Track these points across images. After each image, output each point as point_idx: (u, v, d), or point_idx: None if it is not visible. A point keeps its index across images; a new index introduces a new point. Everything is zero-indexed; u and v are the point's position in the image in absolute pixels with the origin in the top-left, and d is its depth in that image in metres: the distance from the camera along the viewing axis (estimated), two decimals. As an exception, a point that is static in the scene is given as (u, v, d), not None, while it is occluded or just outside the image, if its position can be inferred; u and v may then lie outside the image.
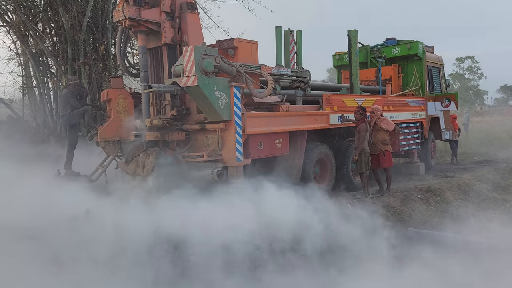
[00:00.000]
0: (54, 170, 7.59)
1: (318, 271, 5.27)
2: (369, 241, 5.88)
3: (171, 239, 5.08)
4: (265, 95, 7.01)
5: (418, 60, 11.61)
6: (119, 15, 6.70)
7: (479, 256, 5.52)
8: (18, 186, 5.72)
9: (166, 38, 6.97)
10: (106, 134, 7.51)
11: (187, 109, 7.18)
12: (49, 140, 10.93)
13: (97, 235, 4.84)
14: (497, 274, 5.02)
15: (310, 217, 5.86)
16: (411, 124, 10.98)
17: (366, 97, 9.61)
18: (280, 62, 8.25)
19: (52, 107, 12.14)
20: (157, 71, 7.41)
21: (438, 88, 12.58)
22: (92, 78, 11.42)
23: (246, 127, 6.60)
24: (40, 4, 12.23)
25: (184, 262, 4.91)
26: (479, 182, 9.82)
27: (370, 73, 11.47)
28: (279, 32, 8.32)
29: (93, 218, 5.30)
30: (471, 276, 5.05)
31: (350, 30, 9.51)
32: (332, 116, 8.37)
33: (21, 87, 13.22)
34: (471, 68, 66.95)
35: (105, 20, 11.99)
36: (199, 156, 6.50)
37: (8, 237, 4.74)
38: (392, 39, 12.03)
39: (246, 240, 5.20)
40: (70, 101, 8.03)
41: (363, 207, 7.05)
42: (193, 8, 7.27)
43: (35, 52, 12.16)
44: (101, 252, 4.62)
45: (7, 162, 6.61)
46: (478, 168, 11.98)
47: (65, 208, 5.43)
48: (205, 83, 6.18)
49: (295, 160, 7.72)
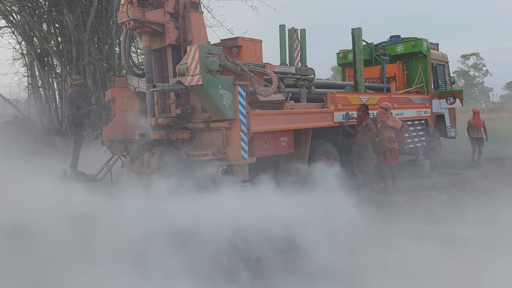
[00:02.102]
0: (60, 169, 7.62)
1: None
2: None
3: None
4: (269, 93, 7.02)
5: (422, 58, 11.56)
6: (123, 17, 6.73)
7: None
8: (26, 185, 5.76)
9: (170, 39, 6.99)
10: (111, 133, 7.53)
11: (191, 108, 7.20)
12: (55, 140, 11.00)
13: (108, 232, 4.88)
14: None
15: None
16: (416, 121, 10.94)
17: (371, 95, 9.60)
18: (284, 60, 8.25)
19: (58, 107, 12.21)
20: (161, 71, 7.43)
21: (443, 85, 12.53)
22: (97, 78, 11.46)
23: (251, 125, 6.60)
24: (45, 4, 12.30)
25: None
26: (484, 179, 9.76)
27: (375, 71, 11.43)
28: (283, 30, 8.31)
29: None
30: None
31: (354, 28, 9.48)
32: (337, 114, 8.36)
33: (27, 87, 13.30)
34: (476, 65, 66.53)
35: (109, 20, 12.03)
36: (204, 155, 6.52)
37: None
38: (396, 37, 11.98)
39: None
40: (75, 100, 8.07)
41: (369, 204, 7.04)
42: (197, 7, 7.28)
43: (40, 53, 12.22)
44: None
45: (13, 162, 6.66)
46: (485, 165, 11.90)
47: (72, 207, 5.45)
48: (209, 82, 6.19)
49: (300, 158, 7.72)
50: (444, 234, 5.97)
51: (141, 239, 4.88)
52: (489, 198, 8.26)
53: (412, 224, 6.40)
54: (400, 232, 6.02)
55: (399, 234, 5.93)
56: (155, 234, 4.95)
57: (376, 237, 5.78)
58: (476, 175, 10.09)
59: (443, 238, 5.79)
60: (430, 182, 9.32)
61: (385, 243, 5.60)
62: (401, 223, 6.48)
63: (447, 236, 5.86)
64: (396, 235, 5.89)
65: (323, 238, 5.28)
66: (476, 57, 66.15)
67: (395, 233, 5.98)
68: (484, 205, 7.63)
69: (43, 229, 4.90)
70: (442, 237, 5.81)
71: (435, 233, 6.01)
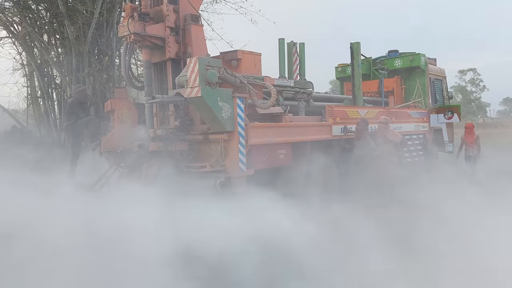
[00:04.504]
0: (57, 180, 7.59)
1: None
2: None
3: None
4: (268, 106, 7.04)
5: (420, 72, 11.67)
6: (124, 30, 6.77)
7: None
8: (25, 196, 5.72)
9: (170, 53, 7.02)
10: (109, 144, 7.53)
11: (190, 120, 7.20)
12: (53, 150, 10.98)
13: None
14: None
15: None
16: (414, 135, 10.98)
17: (369, 108, 9.64)
18: (283, 73, 8.31)
19: (56, 117, 12.23)
20: (160, 83, 7.46)
21: (441, 100, 12.62)
22: (96, 89, 11.51)
23: (249, 137, 6.61)
24: (46, 16, 12.40)
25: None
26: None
27: (373, 85, 11.51)
28: (282, 44, 8.39)
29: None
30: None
31: (352, 43, 9.59)
32: (335, 127, 8.39)
33: (26, 98, 13.35)
34: (473, 81, 67.07)
35: (110, 32, 12.13)
36: (202, 167, 6.51)
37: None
38: (394, 51, 12.10)
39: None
40: (75, 110, 8.05)
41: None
42: (197, 20, 7.35)
43: (40, 63, 12.30)
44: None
45: (11, 172, 6.62)
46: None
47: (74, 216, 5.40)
48: (208, 94, 6.21)
49: (298, 170, 7.71)
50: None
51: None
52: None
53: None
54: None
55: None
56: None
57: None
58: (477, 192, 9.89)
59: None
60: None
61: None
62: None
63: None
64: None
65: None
66: (473, 72, 66.79)
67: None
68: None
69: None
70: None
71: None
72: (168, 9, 6.99)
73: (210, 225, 5.19)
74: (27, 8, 12.18)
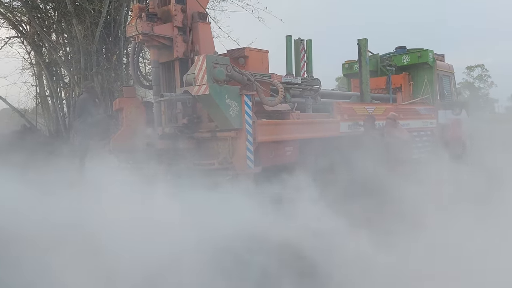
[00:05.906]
0: (66, 178, 7.66)
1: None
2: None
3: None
4: (275, 103, 7.05)
5: (428, 69, 11.58)
6: (132, 30, 6.81)
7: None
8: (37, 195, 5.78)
9: (178, 53, 7.05)
10: (118, 142, 7.59)
11: (198, 118, 7.24)
12: (62, 149, 11.06)
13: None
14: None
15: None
16: (422, 132, 10.93)
17: (377, 105, 9.61)
18: (290, 70, 8.31)
19: (65, 116, 12.33)
20: (168, 83, 7.49)
21: (449, 96, 12.53)
22: (105, 88, 11.58)
23: (257, 135, 6.63)
24: (54, 15, 12.49)
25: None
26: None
27: (380, 82, 11.46)
28: (290, 41, 8.38)
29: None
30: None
31: (360, 39, 9.54)
32: (343, 124, 8.38)
33: (35, 97, 13.46)
34: (481, 77, 66.43)
35: (118, 30, 12.19)
36: (210, 164, 6.54)
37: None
38: (402, 48, 12.03)
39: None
40: (88, 106, 8.10)
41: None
42: (205, 18, 7.37)
43: (48, 62, 12.40)
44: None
45: (20, 171, 6.68)
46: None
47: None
48: (216, 92, 6.24)
49: (305, 167, 7.71)
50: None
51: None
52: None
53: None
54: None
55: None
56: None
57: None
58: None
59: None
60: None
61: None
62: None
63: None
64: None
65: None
66: (481, 68, 66.11)
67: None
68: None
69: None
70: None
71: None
72: (176, 9, 7.02)
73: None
74: (36, 7, 12.28)
